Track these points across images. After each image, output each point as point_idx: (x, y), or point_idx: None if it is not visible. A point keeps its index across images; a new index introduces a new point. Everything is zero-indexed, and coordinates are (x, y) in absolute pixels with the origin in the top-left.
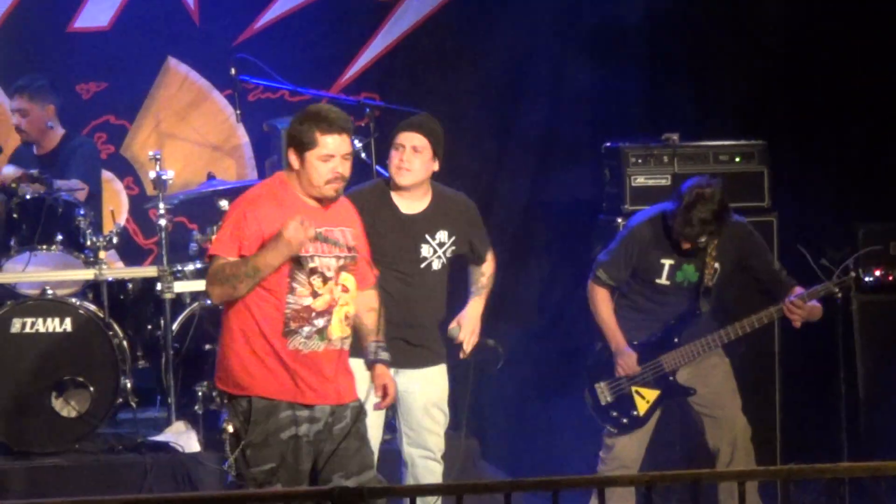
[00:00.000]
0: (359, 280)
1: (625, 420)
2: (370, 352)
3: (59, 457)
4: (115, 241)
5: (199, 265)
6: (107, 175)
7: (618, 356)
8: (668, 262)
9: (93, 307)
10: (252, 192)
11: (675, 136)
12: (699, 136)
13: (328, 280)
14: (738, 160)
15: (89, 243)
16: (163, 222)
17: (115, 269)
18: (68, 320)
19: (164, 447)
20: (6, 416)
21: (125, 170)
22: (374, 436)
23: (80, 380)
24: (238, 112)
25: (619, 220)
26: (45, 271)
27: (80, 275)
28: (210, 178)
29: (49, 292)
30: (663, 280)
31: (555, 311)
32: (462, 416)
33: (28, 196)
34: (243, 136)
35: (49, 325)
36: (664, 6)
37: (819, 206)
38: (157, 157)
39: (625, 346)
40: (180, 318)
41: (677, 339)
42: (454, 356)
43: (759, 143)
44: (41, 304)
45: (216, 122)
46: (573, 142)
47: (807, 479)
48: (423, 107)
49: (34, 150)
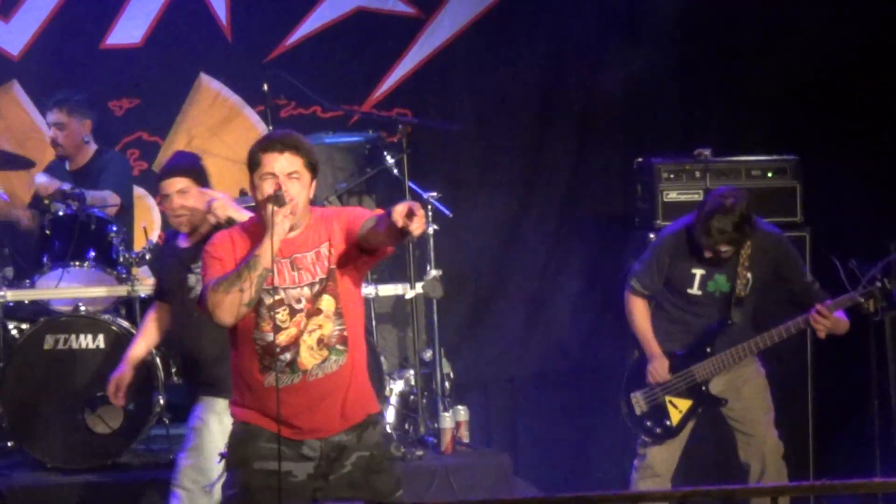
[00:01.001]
0: (353, 276)
1: (658, 430)
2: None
3: (92, 474)
4: (147, 257)
5: None
6: (139, 191)
7: (650, 362)
8: (699, 273)
9: (125, 323)
10: (216, 235)
11: (707, 152)
12: (731, 152)
13: (297, 312)
14: (770, 175)
15: (122, 259)
16: None
17: (148, 285)
18: (101, 337)
19: None
20: (39, 433)
21: (158, 186)
22: None
23: None
24: (270, 128)
25: (651, 236)
26: (78, 287)
27: (113, 291)
28: (242, 194)
29: (82, 308)
30: (695, 290)
31: (587, 327)
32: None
33: (61, 212)
34: None
35: (82, 341)
36: (696, 21)
37: (852, 221)
38: None
39: (658, 353)
40: None
41: (709, 349)
42: None
43: (792, 158)
44: (74, 321)
45: (248, 138)
46: (605, 158)
47: (840, 495)
48: (455, 122)
49: (66, 166)
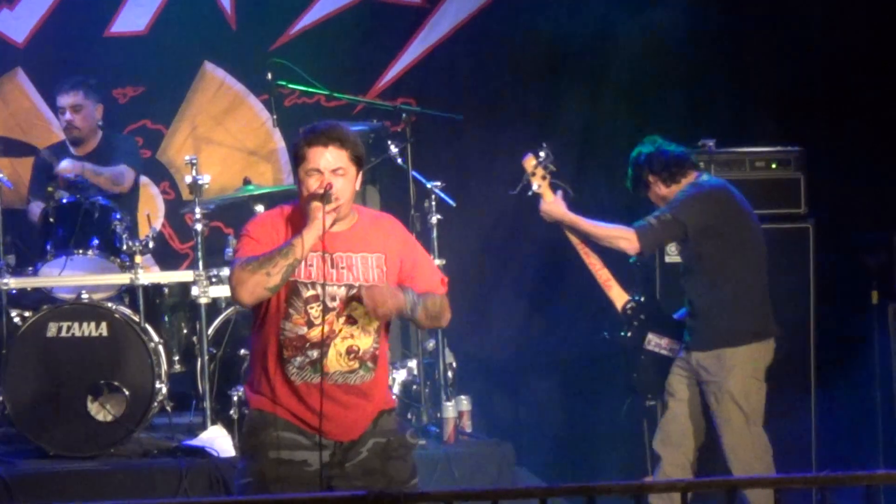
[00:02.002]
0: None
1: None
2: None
3: (94, 461)
4: (150, 245)
5: None
6: (143, 179)
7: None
8: None
9: (128, 311)
10: (259, 214)
11: (711, 143)
12: (736, 143)
13: (330, 310)
14: (774, 167)
15: (125, 248)
16: (199, 227)
17: (151, 274)
18: (104, 325)
19: (200, 452)
20: (42, 420)
21: (161, 174)
22: None
23: (116, 384)
24: (274, 117)
25: None
26: (81, 275)
27: (116, 279)
28: (246, 182)
29: (85, 296)
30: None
31: (591, 316)
32: None
33: (64, 200)
34: (279, 142)
35: (85, 329)
36: (703, 12)
37: (855, 212)
38: (194, 161)
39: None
40: (216, 323)
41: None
42: None
43: (796, 149)
44: (77, 309)
45: (252, 127)
46: (610, 147)
47: (843, 487)
48: (459, 112)
49: (73, 151)
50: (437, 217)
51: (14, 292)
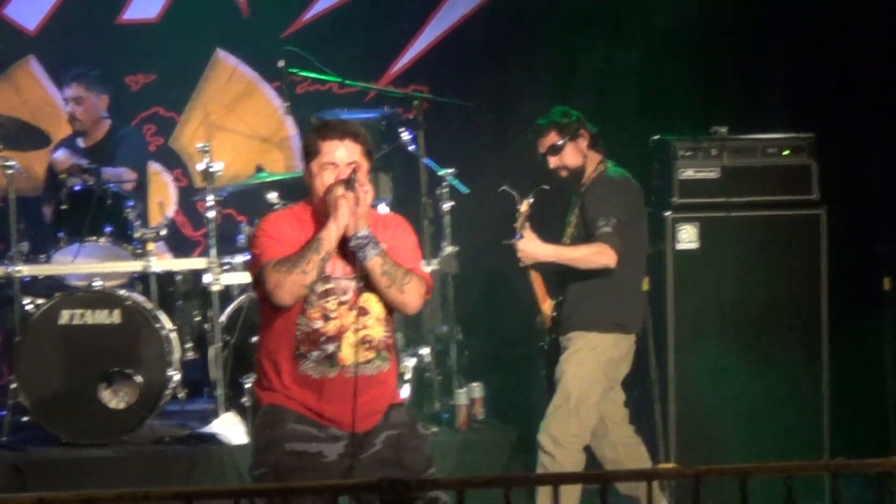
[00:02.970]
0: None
1: None
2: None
3: (107, 448)
4: (163, 232)
5: (247, 257)
6: (155, 167)
7: None
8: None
9: (141, 299)
10: (271, 214)
11: (723, 129)
12: (748, 129)
13: (343, 304)
14: (786, 153)
15: (138, 235)
16: (211, 214)
17: (164, 261)
18: (116, 312)
19: (212, 439)
20: (54, 408)
21: (174, 162)
22: None
23: (128, 371)
24: (287, 104)
25: (667, 214)
26: (94, 263)
27: (129, 266)
28: (258, 170)
29: (97, 284)
30: None
31: None
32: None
33: (77, 188)
34: (292, 129)
35: (97, 316)
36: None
37: (868, 199)
38: (206, 149)
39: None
40: (228, 311)
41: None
42: None
43: (808, 135)
44: (89, 296)
45: (265, 114)
46: (622, 135)
47: (855, 473)
48: (471, 99)
49: (80, 143)
50: (450, 204)
51: (27, 280)
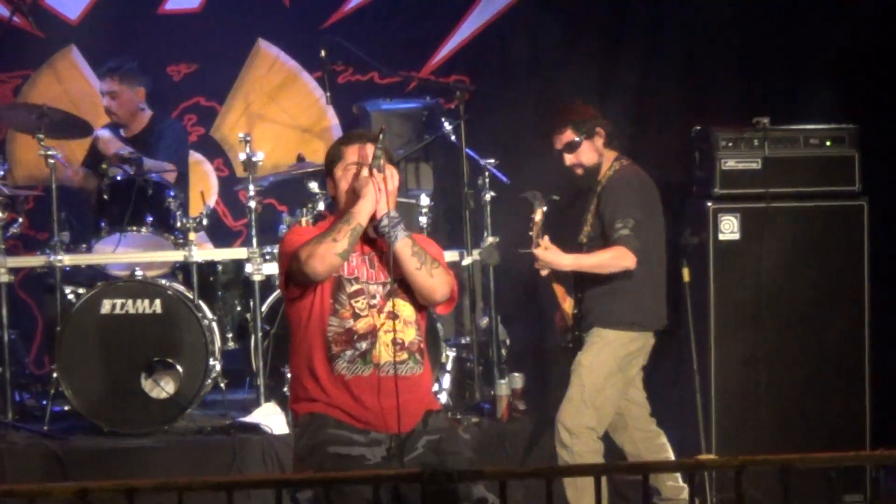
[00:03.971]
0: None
1: None
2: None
3: (148, 438)
4: (204, 222)
5: None
6: (196, 156)
7: None
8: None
9: (182, 288)
10: (295, 226)
11: (765, 120)
12: (790, 120)
13: (372, 307)
14: (828, 144)
15: (179, 225)
16: (252, 204)
17: (205, 251)
18: (158, 302)
19: (253, 429)
20: (96, 398)
21: (215, 151)
22: None
23: (170, 361)
24: (328, 94)
25: (708, 204)
26: (135, 252)
27: (170, 256)
28: (300, 159)
29: (139, 273)
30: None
31: None
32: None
33: (119, 177)
34: (333, 119)
35: (139, 306)
36: None
37: None
38: (247, 138)
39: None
40: (269, 300)
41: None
42: None
43: (851, 126)
44: (131, 286)
45: (306, 104)
46: (663, 125)
47: None
48: (513, 89)
49: (122, 133)
50: (491, 194)
51: (68, 269)
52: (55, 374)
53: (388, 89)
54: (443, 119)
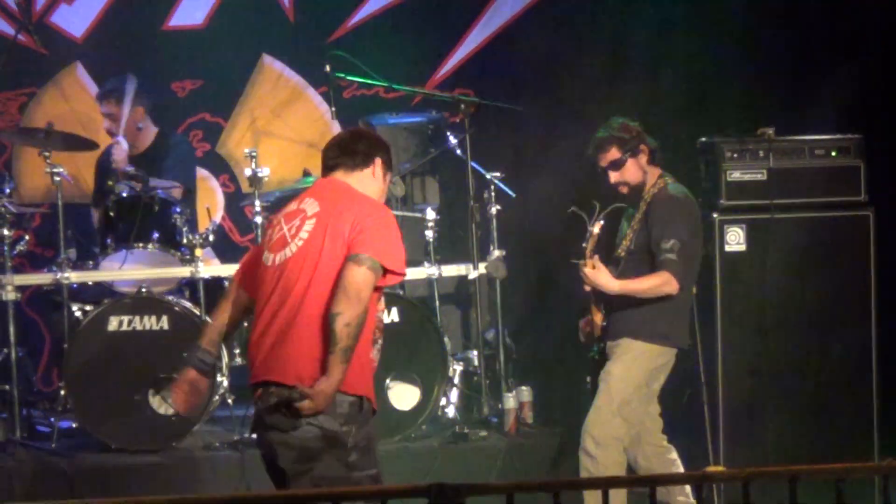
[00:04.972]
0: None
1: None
2: None
3: (156, 455)
4: (211, 238)
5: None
6: (202, 173)
7: None
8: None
9: (189, 305)
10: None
11: (770, 131)
12: (795, 131)
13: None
14: (834, 154)
15: (185, 241)
16: (258, 219)
17: (212, 267)
18: (165, 318)
19: None
20: (104, 414)
21: (221, 167)
22: None
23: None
24: (333, 109)
25: (714, 215)
26: (142, 269)
27: (177, 272)
28: (306, 174)
29: (145, 290)
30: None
31: None
32: None
33: (125, 194)
34: None
35: (146, 322)
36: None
37: None
38: (253, 154)
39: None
40: None
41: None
42: None
43: (856, 137)
44: (138, 302)
45: (311, 119)
46: (669, 137)
47: None
48: (518, 102)
49: (129, 151)
50: (497, 208)
51: (75, 286)
52: (63, 391)
53: (393, 103)
54: (448, 132)
